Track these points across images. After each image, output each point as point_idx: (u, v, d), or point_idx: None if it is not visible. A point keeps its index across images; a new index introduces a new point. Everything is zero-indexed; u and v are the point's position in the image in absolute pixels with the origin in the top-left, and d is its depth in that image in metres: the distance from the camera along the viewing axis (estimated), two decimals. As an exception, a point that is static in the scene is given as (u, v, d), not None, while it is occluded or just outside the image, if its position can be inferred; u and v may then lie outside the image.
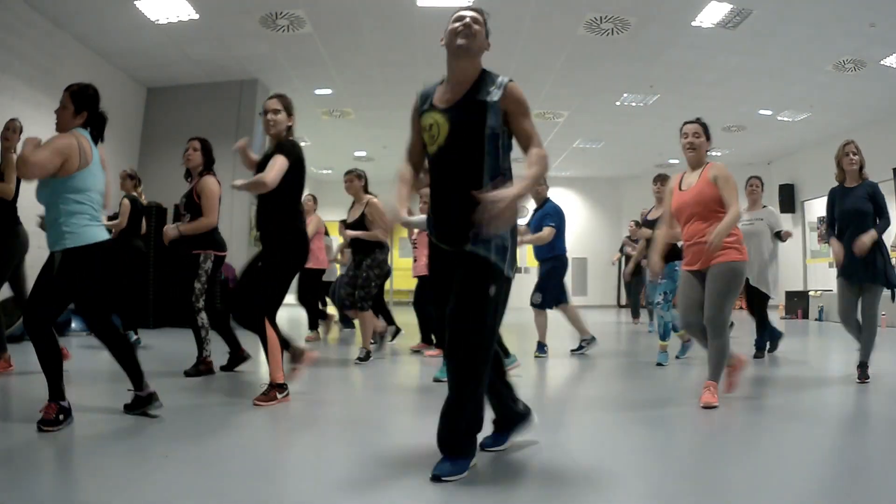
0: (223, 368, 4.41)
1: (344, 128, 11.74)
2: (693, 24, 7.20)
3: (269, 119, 3.48)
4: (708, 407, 3.19)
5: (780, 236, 5.44)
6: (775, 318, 11.70)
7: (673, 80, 9.12)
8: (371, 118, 11.07)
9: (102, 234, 2.89)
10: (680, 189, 3.50)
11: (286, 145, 3.44)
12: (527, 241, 5.32)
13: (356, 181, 5.18)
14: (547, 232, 5.26)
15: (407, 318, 7.01)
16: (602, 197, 16.84)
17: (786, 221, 14.02)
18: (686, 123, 3.55)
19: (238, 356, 4.47)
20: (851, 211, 4.01)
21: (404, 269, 10.45)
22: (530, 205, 5.51)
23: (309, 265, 6.57)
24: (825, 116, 10.60)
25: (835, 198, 4.17)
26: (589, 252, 16.71)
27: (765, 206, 5.52)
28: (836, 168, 4.18)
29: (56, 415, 2.68)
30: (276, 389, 3.34)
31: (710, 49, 7.92)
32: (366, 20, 7.26)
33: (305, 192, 5.58)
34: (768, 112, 10.61)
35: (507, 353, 4.31)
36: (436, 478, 2.04)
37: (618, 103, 10.28)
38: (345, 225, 5.40)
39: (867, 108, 10.11)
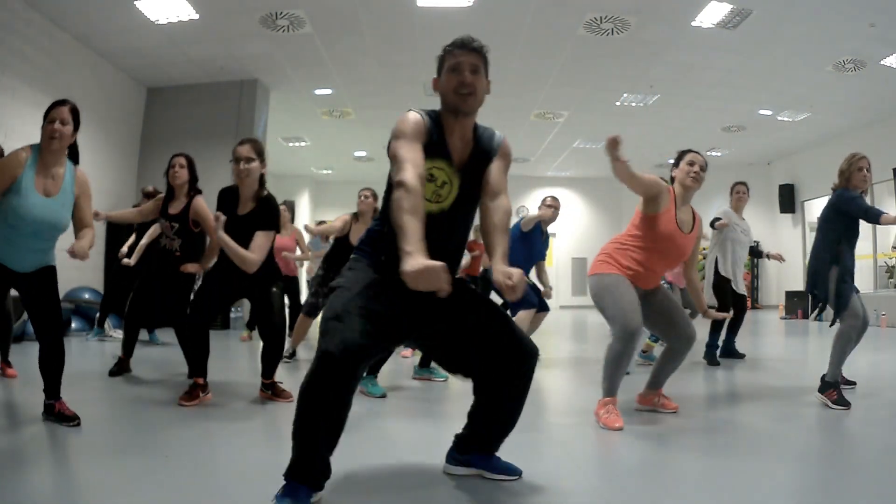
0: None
1: (344, 128, 11.73)
2: (693, 24, 7.19)
3: (241, 168, 3.30)
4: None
5: (759, 253, 5.46)
6: (774, 318, 11.73)
7: (673, 80, 9.11)
8: (371, 118, 11.07)
9: None
10: (676, 219, 3.11)
11: (267, 212, 3.38)
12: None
13: (373, 200, 4.80)
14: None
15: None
16: (602, 197, 16.83)
17: (785, 221, 14.06)
18: (694, 152, 3.22)
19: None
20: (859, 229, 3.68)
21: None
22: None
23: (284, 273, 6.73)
24: (825, 116, 10.60)
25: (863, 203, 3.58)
26: (588, 252, 16.69)
27: (743, 219, 5.45)
28: (839, 178, 3.68)
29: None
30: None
31: (710, 49, 7.92)
32: (366, 20, 7.26)
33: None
34: (768, 112, 10.61)
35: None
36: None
37: (618, 103, 10.27)
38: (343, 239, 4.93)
39: (867, 108, 10.11)
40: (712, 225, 5.31)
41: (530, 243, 5.09)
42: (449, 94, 1.97)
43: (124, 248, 5.88)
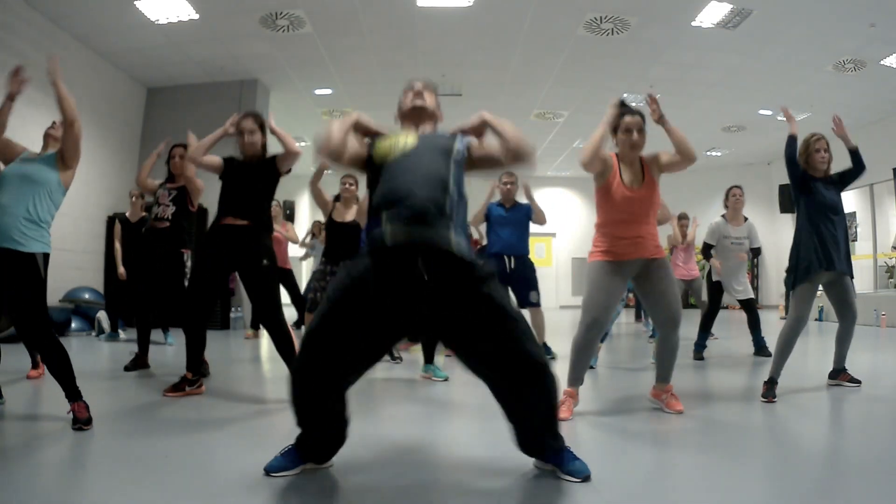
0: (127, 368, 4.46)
1: (344, 128, 11.74)
2: (693, 24, 7.20)
3: (246, 142, 3.63)
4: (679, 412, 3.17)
5: (757, 252, 5.46)
6: (774, 318, 11.70)
7: (673, 80, 9.12)
8: (371, 118, 11.08)
9: None
10: (624, 183, 3.21)
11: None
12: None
13: (356, 188, 4.93)
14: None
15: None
16: (602, 197, 16.82)
17: (785, 221, 14.04)
18: (630, 115, 3.36)
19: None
20: (830, 206, 3.78)
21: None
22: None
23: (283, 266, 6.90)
24: (825, 116, 10.54)
25: (808, 180, 3.83)
26: (588, 252, 16.71)
27: (746, 219, 5.47)
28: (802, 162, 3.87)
29: (87, 412, 2.78)
30: None
31: (710, 49, 7.93)
32: (366, 20, 7.26)
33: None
34: (768, 112, 10.61)
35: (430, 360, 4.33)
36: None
37: (618, 103, 10.26)
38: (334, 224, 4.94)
39: (867, 108, 10.11)
40: (707, 255, 5.45)
41: (504, 223, 5.41)
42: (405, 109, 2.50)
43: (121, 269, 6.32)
